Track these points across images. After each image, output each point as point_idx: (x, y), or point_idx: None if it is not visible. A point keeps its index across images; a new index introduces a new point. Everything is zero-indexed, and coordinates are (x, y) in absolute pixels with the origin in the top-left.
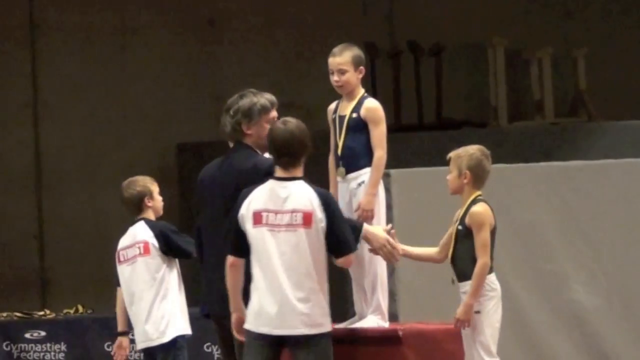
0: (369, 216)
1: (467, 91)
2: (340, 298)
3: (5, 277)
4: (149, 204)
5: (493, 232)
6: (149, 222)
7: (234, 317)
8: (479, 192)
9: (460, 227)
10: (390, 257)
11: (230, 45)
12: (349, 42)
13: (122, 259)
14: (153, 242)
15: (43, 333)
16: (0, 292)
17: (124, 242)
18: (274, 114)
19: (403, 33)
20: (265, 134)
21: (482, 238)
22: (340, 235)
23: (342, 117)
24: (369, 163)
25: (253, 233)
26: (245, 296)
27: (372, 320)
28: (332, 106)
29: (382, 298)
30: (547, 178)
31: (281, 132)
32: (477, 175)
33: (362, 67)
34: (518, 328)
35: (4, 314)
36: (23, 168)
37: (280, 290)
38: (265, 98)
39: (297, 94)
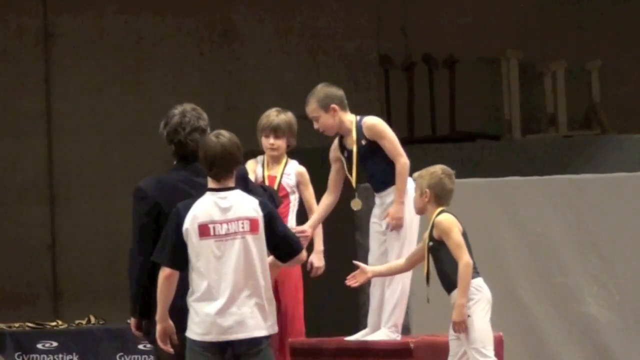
0: (398, 224)
1: (481, 104)
2: (352, 310)
3: (18, 287)
4: None
5: (464, 236)
6: None
7: (160, 328)
8: (442, 209)
9: (431, 244)
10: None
11: (245, 55)
12: (323, 83)
13: None
14: None
15: (55, 344)
16: (13, 302)
17: None
18: None
19: (417, 45)
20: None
21: (453, 240)
22: (287, 236)
23: (351, 152)
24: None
25: (199, 245)
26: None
27: (384, 333)
28: (336, 144)
29: (401, 312)
30: (560, 191)
31: (214, 145)
32: (438, 194)
33: (332, 106)
34: (530, 340)
35: (17, 324)
36: (36, 178)
37: (233, 297)
38: None
39: None
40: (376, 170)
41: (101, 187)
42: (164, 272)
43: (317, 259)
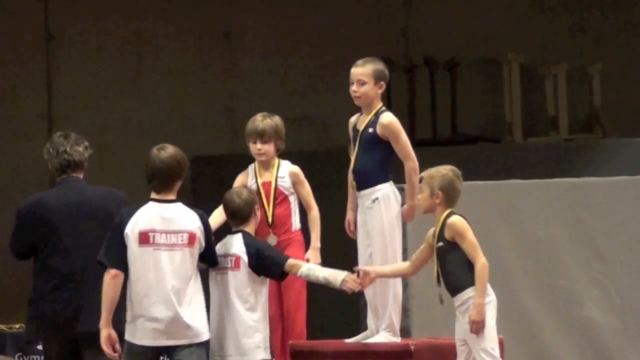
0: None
1: (482, 106)
2: (353, 312)
3: (19, 289)
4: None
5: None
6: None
7: (106, 333)
8: (451, 210)
9: (441, 244)
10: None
11: (246, 58)
12: (374, 57)
13: None
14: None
15: None
16: (14, 303)
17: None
18: None
19: (418, 48)
20: None
21: (469, 241)
22: (213, 250)
23: (357, 132)
24: (381, 180)
25: (138, 252)
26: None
27: (384, 335)
28: (353, 119)
29: (394, 313)
30: (561, 194)
31: (154, 158)
32: (449, 195)
33: (382, 83)
34: (530, 343)
35: (17, 325)
36: (37, 180)
37: (166, 304)
38: None
39: (312, 108)
40: (364, 163)
41: None
42: (110, 273)
43: (314, 256)
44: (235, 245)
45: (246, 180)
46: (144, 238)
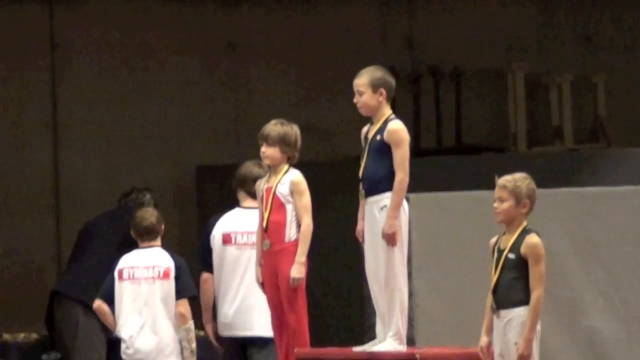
0: (391, 240)
1: (487, 116)
2: (358, 320)
3: (24, 299)
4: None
5: None
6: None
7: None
8: (527, 223)
9: (511, 256)
10: None
11: (251, 67)
12: (378, 65)
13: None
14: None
15: (59, 355)
16: (18, 313)
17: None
18: None
19: (423, 57)
20: None
21: (539, 270)
22: None
23: (367, 139)
24: (389, 187)
25: (222, 250)
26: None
27: (390, 343)
28: (365, 128)
29: (401, 321)
30: (566, 204)
31: (251, 169)
32: (533, 204)
33: (382, 90)
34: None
35: (21, 335)
36: (42, 190)
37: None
38: None
39: (317, 117)
40: (373, 171)
41: (107, 199)
42: (202, 276)
43: (295, 270)
44: (162, 257)
45: (261, 184)
46: (227, 238)
